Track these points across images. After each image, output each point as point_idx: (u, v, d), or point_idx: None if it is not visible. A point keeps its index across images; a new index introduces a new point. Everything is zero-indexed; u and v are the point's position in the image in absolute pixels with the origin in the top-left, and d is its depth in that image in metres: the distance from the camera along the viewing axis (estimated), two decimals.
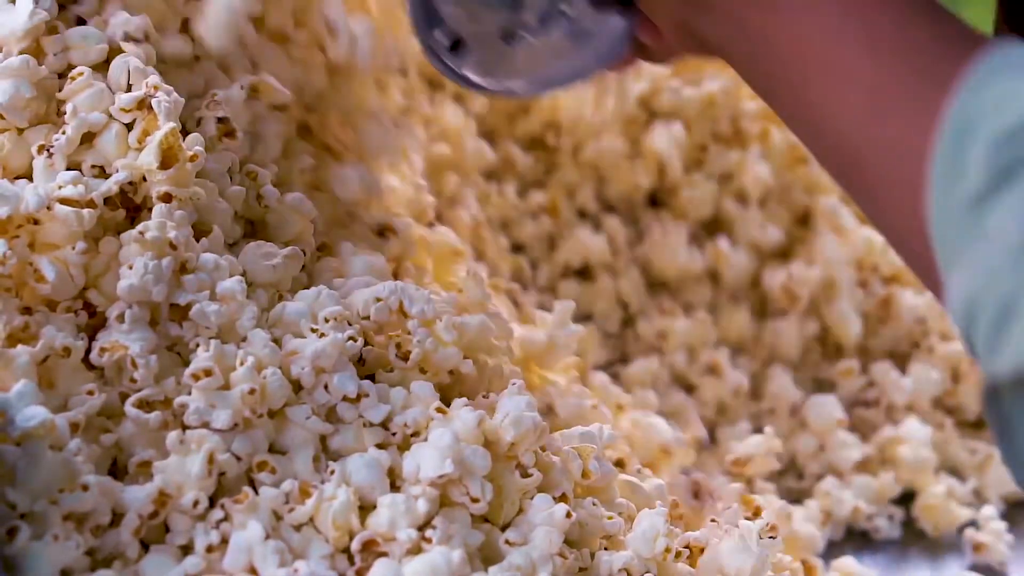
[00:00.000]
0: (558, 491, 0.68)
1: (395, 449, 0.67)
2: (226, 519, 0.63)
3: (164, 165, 0.68)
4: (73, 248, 0.66)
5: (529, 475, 0.67)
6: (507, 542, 0.65)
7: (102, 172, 0.69)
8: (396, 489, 0.65)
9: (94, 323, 0.67)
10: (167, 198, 0.67)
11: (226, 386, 0.65)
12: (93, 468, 0.63)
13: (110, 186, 0.67)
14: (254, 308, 0.67)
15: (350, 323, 0.69)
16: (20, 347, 0.64)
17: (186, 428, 0.64)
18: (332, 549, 0.63)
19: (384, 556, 0.63)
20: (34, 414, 0.62)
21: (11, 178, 0.69)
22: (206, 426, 0.64)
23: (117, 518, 0.63)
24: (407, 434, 0.67)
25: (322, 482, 0.65)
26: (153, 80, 0.70)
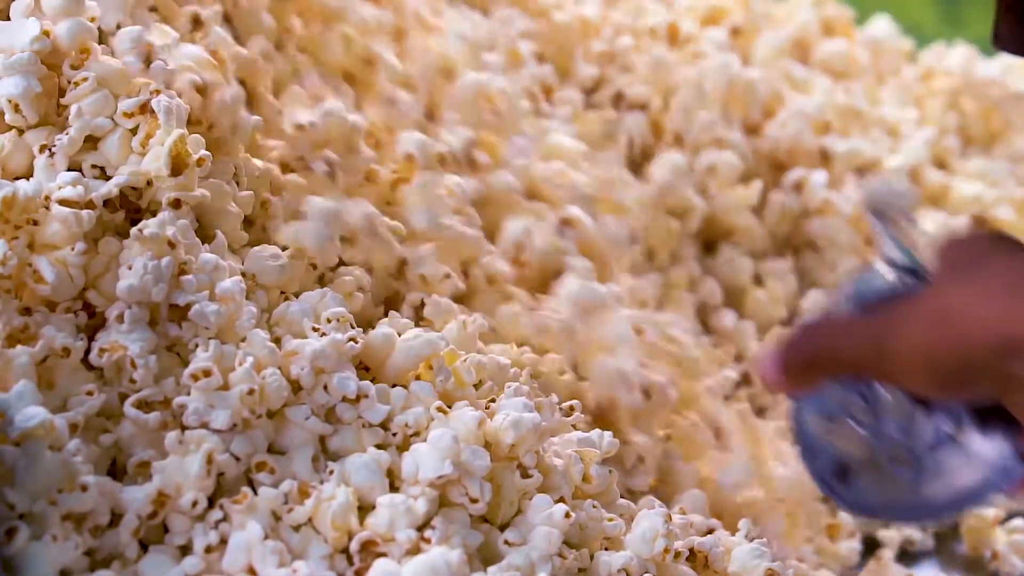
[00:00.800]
0: (557, 494, 0.68)
1: (394, 450, 0.67)
2: (225, 519, 0.63)
3: (175, 172, 0.68)
4: (72, 249, 0.66)
5: (529, 476, 0.67)
6: (506, 542, 0.65)
7: (103, 173, 0.69)
8: (395, 489, 0.65)
9: (94, 323, 0.67)
10: (177, 204, 0.68)
11: (225, 386, 0.65)
12: (92, 468, 0.63)
13: (110, 188, 0.67)
14: (253, 309, 0.68)
15: (353, 325, 0.69)
16: (19, 347, 0.64)
17: (185, 428, 0.64)
18: (331, 549, 0.63)
19: (383, 556, 0.63)
20: (33, 414, 0.62)
21: (10, 179, 0.69)
22: (205, 426, 0.64)
23: (116, 518, 0.62)
24: (407, 434, 0.67)
25: (321, 482, 0.65)
26: (155, 84, 0.70)
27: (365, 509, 0.64)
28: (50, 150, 0.68)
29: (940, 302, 0.62)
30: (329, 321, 0.68)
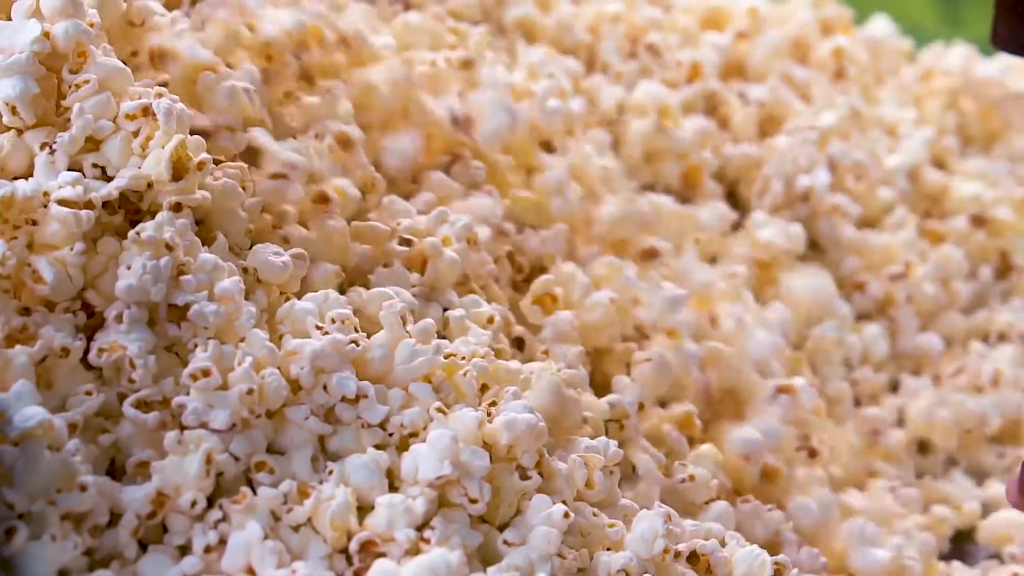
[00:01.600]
0: (558, 497, 0.68)
1: (393, 450, 0.67)
2: (224, 519, 0.63)
3: (176, 177, 0.68)
4: (71, 249, 0.66)
5: (528, 477, 0.67)
6: (506, 542, 0.65)
7: (103, 173, 0.69)
8: (395, 490, 0.65)
9: (92, 323, 0.67)
10: (178, 207, 0.68)
11: (224, 386, 0.65)
12: (91, 468, 0.63)
13: (110, 191, 0.67)
14: (252, 308, 0.67)
15: (357, 329, 0.69)
16: (18, 347, 0.64)
17: (184, 428, 0.64)
18: (330, 550, 0.63)
19: (382, 557, 0.63)
20: (32, 414, 0.62)
21: (9, 179, 0.69)
22: (204, 426, 0.64)
23: (115, 518, 0.63)
24: (404, 435, 0.67)
25: (320, 482, 0.65)
26: (157, 88, 0.70)
27: (364, 509, 0.64)
28: (51, 148, 0.68)
29: None
30: (333, 321, 0.68)
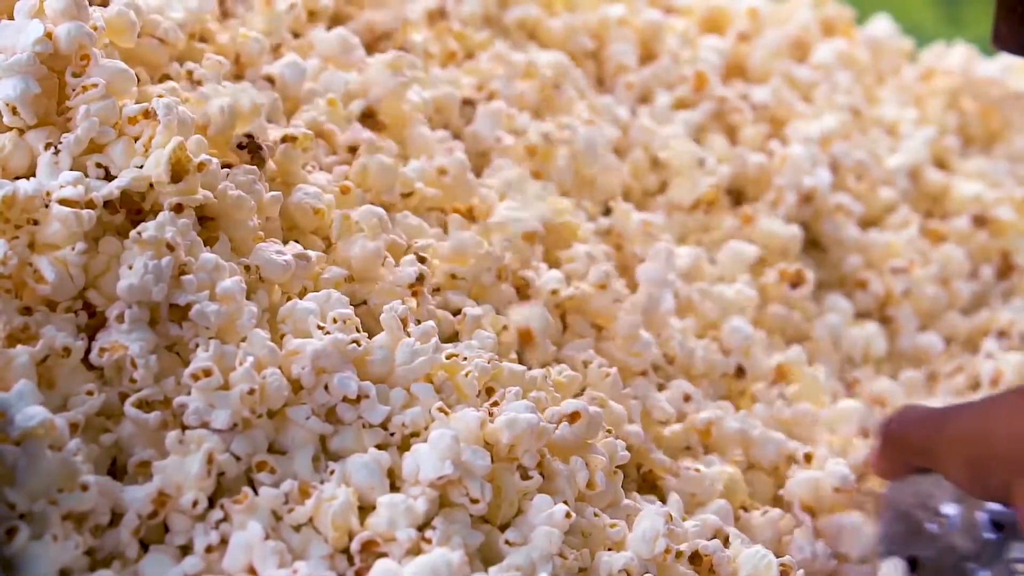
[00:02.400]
0: (560, 497, 0.68)
1: (395, 450, 0.67)
2: (225, 519, 0.63)
3: (175, 178, 0.68)
4: (73, 248, 0.66)
5: (529, 477, 0.67)
6: (507, 542, 0.65)
7: (107, 173, 0.69)
8: (396, 490, 0.65)
9: (94, 323, 0.67)
10: (179, 208, 0.68)
11: (225, 386, 0.65)
12: (92, 468, 0.63)
13: (111, 190, 0.67)
14: (254, 308, 0.67)
15: (359, 328, 0.69)
16: (20, 347, 0.64)
17: (185, 428, 0.64)
18: (331, 549, 0.63)
19: (384, 556, 0.63)
20: (34, 414, 0.62)
21: (10, 179, 0.69)
22: (206, 426, 0.64)
23: (116, 518, 0.63)
24: (405, 434, 0.67)
25: (322, 482, 0.65)
26: (158, 89, 0.70)
27: (366, 509, 0.64)
28: (55, 148, 0.68)
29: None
30: (335, 321, 0.68)
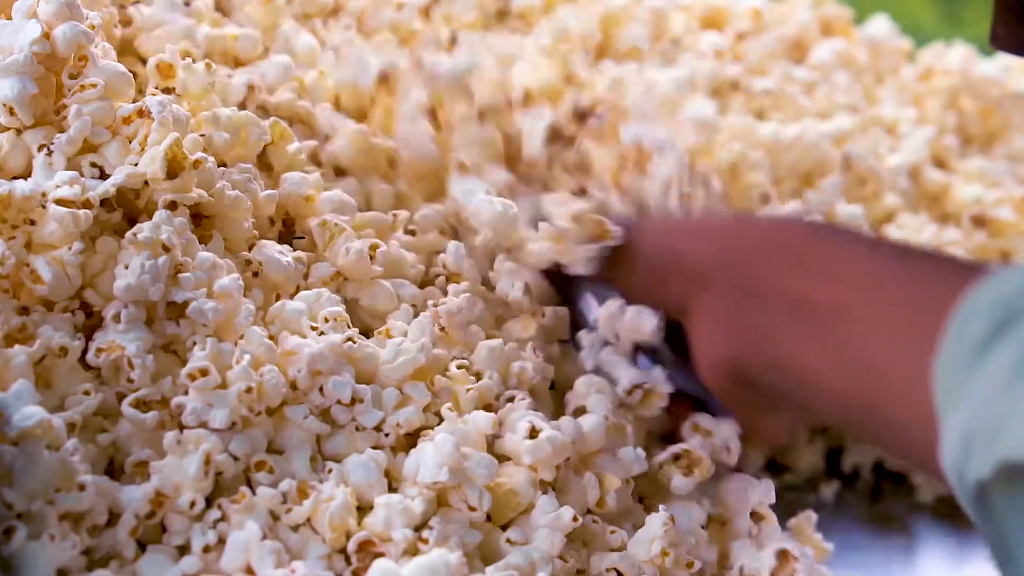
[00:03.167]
0: (567, 509, 0.67)
1: (390, 451, 0.67)
2: (223, 519, 0.63)
3: (170, 175, 0.68)
4: (70, 248, 0.66)
5: (546, 492, 0.67)
6: (508, 541, 0.65)
7: (102, 173, 0.69)
8: (394, 490, 0.65)
9: (91, 323, 0.67)
10: (173, 206, 0.68)
11: (223, 385, 0.64)
12: (90, 468, 0.63)
13: (107, 188, 0.67)
14: (251, 306, 0.67)
15: (349, 325, 0.69)
16: (17, 347, 0.64)
17: (183, 428, 0.64)
18: (329, 549, 0.63)
19: (381, 556, 0.63)
20: (31, 414, 0.62)
21: (8, 179, 0.69)
22: (204, 426, 0.64)
23: (114, 518, 0.62)
24: (399, 434, 0.67)
25: (320, 482, 0.65)
26: (151, 88, 0.70)
27: (364, 509, 0.64)
28: (48, 149, 0.68)
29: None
30: (327, 320, 0.68)
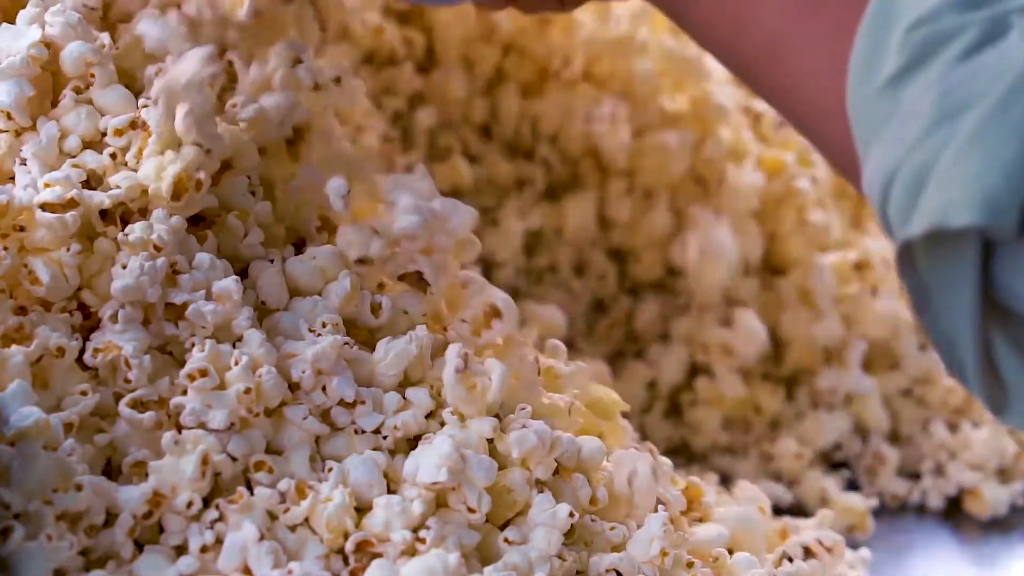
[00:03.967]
0: (563, 506, 0.67)
1: (388, 453, 0.67)
2: (221, 519, 0.63)
3: (175, 197, 0.67)
4: (67, 249, 0.66)
5: (542, 491, 0.67)
6: (506, 540, 0.65)
7: (89, 180, 0.68)
8: (393, 491, 0.65)
9: (88, 323, 0.67)
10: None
11: (222, 386, 0.64)
12: (87, 468, 0.63)
13: (102, 199, 0.67)
14: (250, 308, 0.67)
15: (345, 332, 0.69)
16: (14, 347, 0.64)
17: (181, 428, 0.64)
18: (327, 550, 0.63)
19: (379, 557, 0.63)
20: (28, 414, 0.61)
21: (5, 180, 0.69)
22: (203, 427, 0.64)
23: (111, 518, 0.62)
24: (397, 437, 0.67)
25: (320, 481, 0.65)
26: (143, 100, 0.70)
27: (363, 510, 0.64)
28: (22, 160, 0.68)
29: None
30: (324, 325, 0.68)
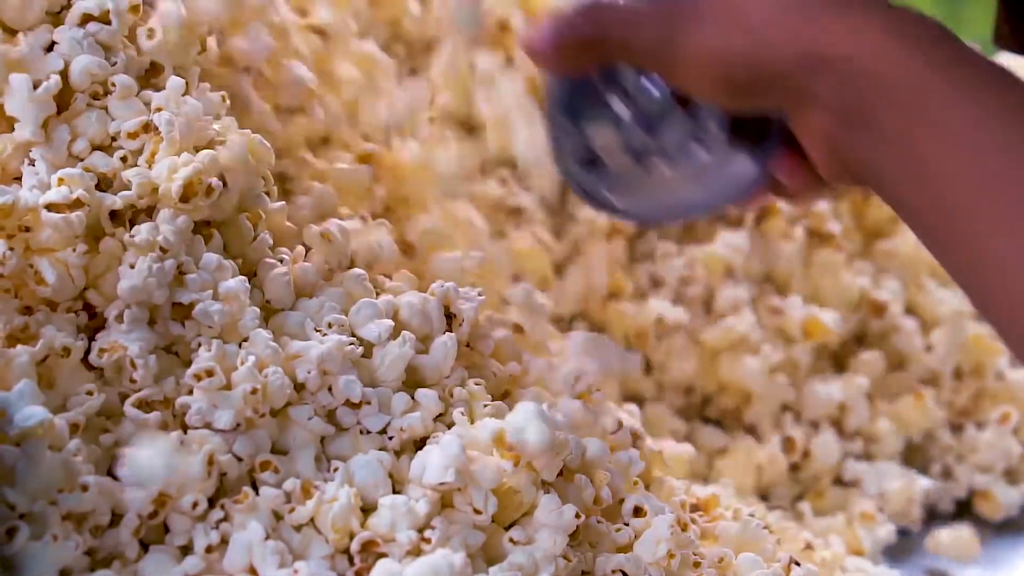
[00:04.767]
0: (569, 507, 0.67)
1: (392, 454, 0.67)
2: (226, 519, 0.63)
3: (184, 199, 0.67)
4: (74, 250, 0.66)
5: (548, 491, 0.66)
6: (511, 540, 0.65)
7: (103, 179, 0.68)
8: (399, 491, 0.65)
9: (94, 323, 0.67)
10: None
11: (228, 386, 0.64)
12: (92, 468, 0.63)
13: (113, 201, 0.67)
14: (256, 308, 0.67)
15: (353, 332, 0.69)
16: (20, 347, 0.64)
17: (187, 428, 0.64)
18: (332, 550, 0.63)
19: (384, 557, 0.63)
20: (33, 413, 0.61)
21: (9, 181, 0.69)
22: (208, 427, 0.64)
23: (116, 518, 0.62)
24: (403, 439, 0.67)
25: (325, 481, 0.65)
26: (156, 103, 0.69)
27: (368, 510, 0.64)
28: (30, 160, 0.68)
29: (735, 2, 0.59)
30: (330, 326, 0.68)
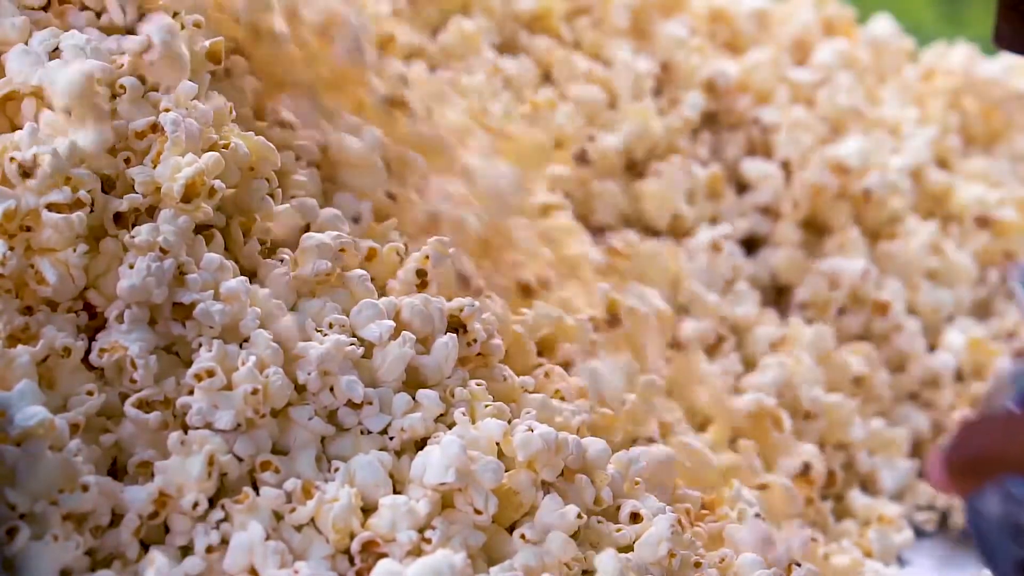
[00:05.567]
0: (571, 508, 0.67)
1: (393, 454, 0.67)
2: (227, 519, 0.63)
3: (185, 199, 0.67)
4: (74, 250, 0.66)
5: (548, 492, 0.66)
6: (522, 537, 0.65)
7: (107, 181, 0.68)
8: (400, 492, 0.65)
9: (94, 324, 0.67)
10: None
11: (228, 386, 0.64)
12: (93, 468, 0.63)
13: (119, 203, 0.67)
14: (257, 309, 0.67)
15: (354, 333, 0.69)
16: (20, 347, 0.64)
17: (187, 429, 0.64)
18: (333, 550, 0.63)
19: (385, 557, 0.63)
20: (34, 413, 0.61)
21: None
22: (209, 427, 0.64)
23: (117, 518, 0.62)
24: (404, 440, 0.67)
25: (326, 481, 0.65)
26: (164, 103, 0.69)
27: (369, 510, 0.64)
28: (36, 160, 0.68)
29: None
30: (331, 326, 0.68)
